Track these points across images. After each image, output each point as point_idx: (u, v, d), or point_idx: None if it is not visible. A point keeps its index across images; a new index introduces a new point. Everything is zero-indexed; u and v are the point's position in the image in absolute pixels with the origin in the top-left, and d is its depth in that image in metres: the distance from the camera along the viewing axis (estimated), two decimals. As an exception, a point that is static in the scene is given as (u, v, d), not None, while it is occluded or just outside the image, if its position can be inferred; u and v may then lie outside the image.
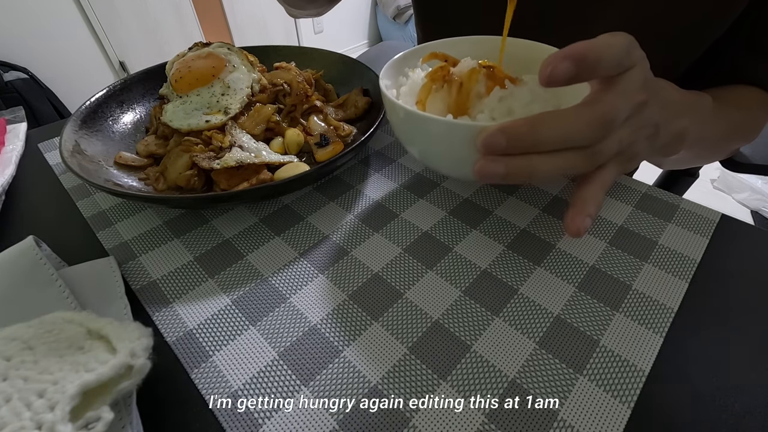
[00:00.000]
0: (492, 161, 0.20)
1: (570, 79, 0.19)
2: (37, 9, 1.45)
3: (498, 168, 0.20)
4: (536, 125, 0.19)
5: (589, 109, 0.20)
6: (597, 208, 0.22)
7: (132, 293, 0.26)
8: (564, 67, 0.18)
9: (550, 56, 0.19)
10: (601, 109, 0.20)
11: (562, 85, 0.19)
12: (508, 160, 0.20)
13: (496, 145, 0.20)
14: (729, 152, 0.43)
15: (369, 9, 2.58)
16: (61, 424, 0.14)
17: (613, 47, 0.20)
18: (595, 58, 0.19)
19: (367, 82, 0.41)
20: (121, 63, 1.74)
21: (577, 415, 0.19)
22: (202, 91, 0.37)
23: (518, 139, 0.19)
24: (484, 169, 0.21)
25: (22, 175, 0.38)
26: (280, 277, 0.27)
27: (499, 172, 0.20)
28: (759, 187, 1.39)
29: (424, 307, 0.24)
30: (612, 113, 0.20)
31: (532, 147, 0.20)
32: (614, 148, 0.22)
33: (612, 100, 0.20)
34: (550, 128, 0.20)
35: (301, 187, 0.33)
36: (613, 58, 0.20)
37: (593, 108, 0.20)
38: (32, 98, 1.39)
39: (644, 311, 0.24)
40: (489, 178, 0.21)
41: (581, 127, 0.20)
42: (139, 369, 0.17)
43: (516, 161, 0.20)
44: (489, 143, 0.20)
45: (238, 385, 0.21)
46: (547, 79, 0.19)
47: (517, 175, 0.20)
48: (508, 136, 0.19)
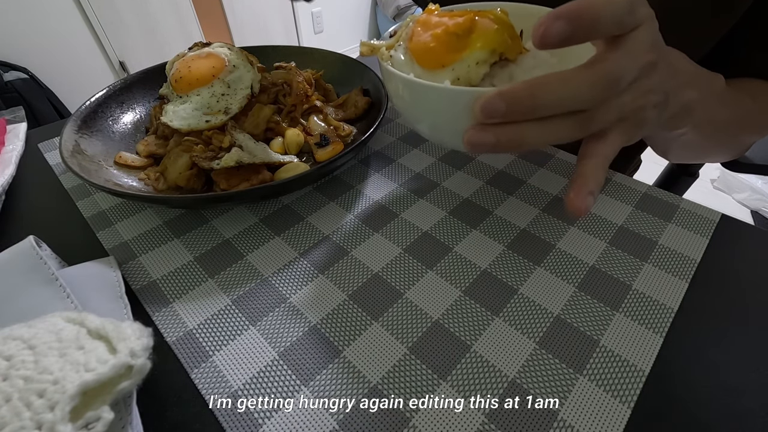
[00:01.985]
0: (482, 130, 0.20)
1: (565, 40, 0.17)
2: (37, 9, 1.45)
3: (488, 137, 0.20)
4: (537, 89, 0.18)
5: (592, 70, 0.19)
6: (599, 184, 0.21)
7: (132, 293, 0.26)
8: (557, 27, 0.17)
9: (542, 17, 0.18)
10: (604, 69, 0.19)
11: (557, 46, 0.18)
12: (497, 129, 0.20)
13: (495, 110, 0.19)
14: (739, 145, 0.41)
15: (369, 9, 2.58)
16: (61, 424, 0.14)
17: (613, 4, 0.18)
18: (592, 17, 0.17)
19: (367, 82, 0.41)
20: (121, 63, 1.74)
21: (577, 415, 0.19)
22: (202, 91, 0.37)
23: (518, 103, 0.18)
24: (473, 139, 0.20)
25: (22, 175, 0.38)
26: (280, 277, 0.27)
27: (489, 141, 0.20)
28: (759, 187, 1.38)
29: (424, 307, 0.24)
30: (616, 73, 0.19)
31: (532, 112, 0.19)
32: (612, 115, 0.20)
33: (616, 58, 0.19)
34: (551, 91, 0.18)
35: (301, 187, 0.33)
36: (613, 16, 0.18)
37: (595, 68, 0.19)
38: (32, 98, 1.39)
39: (644, 311, 0.24)
40: (479, 148, 0.20)
41: (583, 88, 0.19)
42: (139, 369, 0.17)
43: (506, 130, 0.19)
44: (488, 108, 0.19)
45: (238, 385, 0.21)
46: (540, 40, 0.18)
47: (507, 145, 0.20)
48: (507, 101, 0.18)
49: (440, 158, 0.37)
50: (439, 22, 0.25)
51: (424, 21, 0.25)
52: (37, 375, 0.15)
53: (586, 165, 0.21)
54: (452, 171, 0.36)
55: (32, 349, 0.16)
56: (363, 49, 0.27)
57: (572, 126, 0.20)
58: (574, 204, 0.20)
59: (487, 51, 0.23)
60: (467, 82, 0.24)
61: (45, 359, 0.16)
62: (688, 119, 0.26)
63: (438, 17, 0.25)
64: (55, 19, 1.51)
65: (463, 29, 0.23)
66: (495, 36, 0.23)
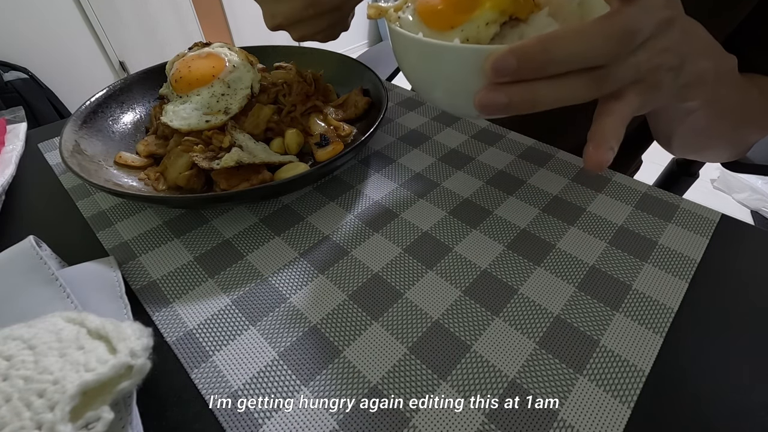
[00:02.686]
0: (493, 90, 0.19)
1: None
2: (37, 9, 1.45)
3: (500, 97, 0.19)
4: (549, 43, 0.18)
5: (608, 22, 0.18)
6: (618, 140, 0.20)
7: (132, 293, 0.26)
8: None
9: None
10: (620, 22, 0.18)
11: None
12: (509, 89, 0.19)
13: (507, 67, 0.18)
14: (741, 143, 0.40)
15: (369, 9, 2.58)
16: (61, 424, 0.14)
17: None
18: None
19: (367, 82, 0.41)
20: (121, 63, 1.74)
21: (577, 415, 0.19)
22: (202, 91, 0.37)
23: (530, 59, 0.18)
24: (485, 100, 0.19)
25: (22, 175, 0.38)
26: (280, 277, 0.27)
27: (501, 101, 0.19)
28: (759, 187, 1.38)
29: (424, 307, 0.24)
30: (632, 25, 0.18)
31: (544, 68, 0.18)
32: (629, 74, 0.20)
33: (633, 12, 0.18)
34: (564, 45, 0.18)
35: (301, 187, 0.33)
36: None
37: (611, 20, 0.18)
38: (32, 98, 1.39)
39: (644, 311, 0.24)
40: (491, 109, 0.20)
41: (598, 42, 0.18)
42: (139, 369, 0.17)
43: (519, 89, 0.19)
44: (498, 66, 0.18)
45: (238, 385, 0.21)
46: None
47: (520, 105, 0.19)
48: (518, 57, 0.18)
49: (440, 158, 0.37)
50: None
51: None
52: (37, 375, 0.15)
53: (605, 121, 0.20)
54: (452, 171, 0.36)
55: (32, 349, 0.16)
56: (370, 12, 0.26)
57: (587, 84, 0.19)
58: (594, 158, 0.19)
59: (497, 11, 0.22)
60: (477, 42, 0.23)
61: (45, 359, 0.16)
62: (701, 90, 0.25)
63: None
64: (55, 19, 1.51)
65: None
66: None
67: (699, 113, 0.29)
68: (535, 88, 0.19)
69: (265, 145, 0.35)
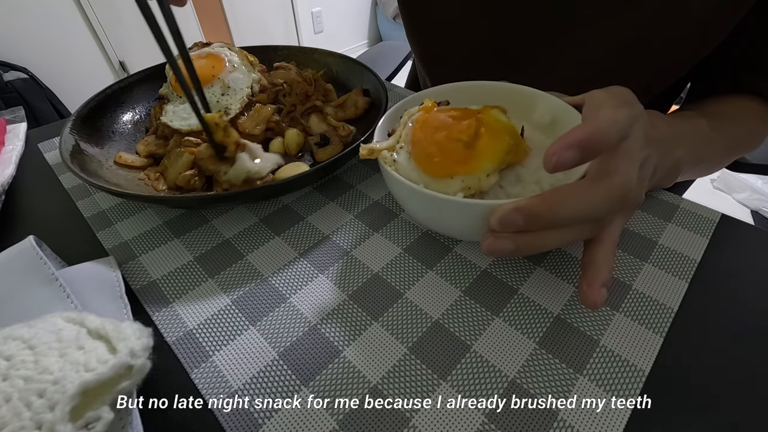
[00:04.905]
0: (501, 238, 0.20)
1: (575, 164, 0.18)
2: (37, 9, 1.45)
3: (508, 245, 0.20)
4: (554, 205, 0.19)
5: (607, 184, 0.20)
6: (611, 272, 0.21)
7: (132, 293, 0.26)
8: (569, 155, 0.18)
9: (553, 144, 0.18)
10: (618, 183, 0.20)
11: (567, 169, 0.19)
12: (517, 237, 0.20)
13: (513, 224, 0.19)
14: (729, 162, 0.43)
15: (369, 9, 2.58)
16: (61, 424, 0.14)
17: (618, 124, 0.19)
18: (600, 141, 0.19)
19: (367, 82, 0.41)
20: (121, 63, 1.74)
21: (577, 415, 0.19)
22: (202, 91, 0.37)
23: (536, 218, 0.19)
24: (493, 246, 0.20)
25: (22, 175, 0.38)
26: (280, 277, 0.27)
27: (509, 248, 0.20)
28: (759, 187, 1.38)
29: (424, 307, 0.24)
30: (629, 184, 0.20)
31: (550, 225, 0.20)
32: (620, 211, 0.22)
33: (625, 169, 0.20)
34: (569, 208, 0.19)
35: (301, 187, 0.33)
36: (619, 135, 0.19)
37: (611, 182, 0.20)
38: (32, 98, 1.38)
39: (644, 311, 0.24)
40: (498, 254, 0.21)
41: (601, 202, 0.19)
42: (139, 369, 0.17)
43: (526, 238, 0.20)
44: (505, 222, 0.19)
45: (238, 385, 0.21)
46: (554, 167, 0.18)
47: (526, 249, 0.20)
48: (525, 216, 0.19)
49: (440, 158, 0.37)
50: (440, 123, 0.24)
51: (423, 122, 0.25)
52: (37, 375, 0.15)
53: (597, 252, 0.21)
54: (452, 171, 0.36)
55: (32, 349, 0.16)
56: (363, 152, 0.26)
57: (588, 229, 0.21)
58: (589, 298, 0.20)
59: (497, 164, 0.23)
60: (478, 190, 0.23)
61: (45, 359, 0.16)
62: (675, 176, 0.28)
63: (438, 116, 0.24)
64: (55, 19, 1.51)
65: (468, 136, 0.23)
66: (502, 148, 0.23)
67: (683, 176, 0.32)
68: (540, 236, 0.20)
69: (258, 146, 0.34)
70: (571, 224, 0.20)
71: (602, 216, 0.20)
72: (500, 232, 0.20)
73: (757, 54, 0.35)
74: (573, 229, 0.20)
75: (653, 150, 0.23)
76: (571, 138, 0.18)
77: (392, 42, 0.99)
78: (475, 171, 0.23)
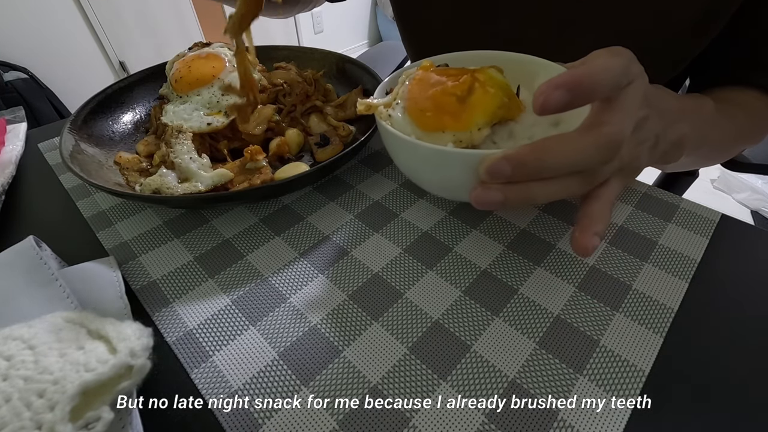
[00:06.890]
0: (489, 189, 0.20)
1: (564, 107, 0.18)
2: (37, 9, 1.45)
3: (496, 196, 0.20)
4: (542, 153, 0.19)
5: (596, 133, 0.19)
6: (605, 225, 0.21)
7: (132, 293, 0.26)
8: (557, 96, 0.18)
9: (542, 84, 0.18)
10: (608, 132, 0.19)
11: (556, 112, 0.19)
12: (506, 188, 0.20)
13: (501, 173, 0.19)
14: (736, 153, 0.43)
15: (369, 9, 2.58)
16: (61, 424, 0.14)
17: (610, 71, 0.19)
18: (591, 84, 0.18)
19: (367, 82, 0.41)
20: (121, 63, 1.74)
21: (577, 415, 0.19)
22: (202, 91, 0.37)
23: (524, 167, 0.19)
24: (481, 197, 0.20)
25: (22, 175, 0.38)
26: (280, 277, 0.27)
27: (497, 199, 0.20)
28: (759, 187, 1.38)
29: (424, 307, 0.24)
30: (618, 135, 0.19)
31: (537, 174, 0.20)
32: (615, 167, 0.21)
33: (617, 120, 0.20)
34: (557, 156, 0.19)
35: (301, 187, 0.33)
36: (610, 82, 0.19)
37: (599, 132, 0.19)
38: (32, 98, 1.38)
39: (644, 311, 0.24)
40: (487, 206, 0.21)
41: (590, 152, 0.19)
42: (139, 369, 0.17)
43: (514, 189, 0.20)
44: (493, 171, 0.19)
45: (238, 385, 0.21)
46: (541, 108, 0.18)
47: (515, 201, 0.20)
48: (513, 165, 0.19)
49: (440, 158, 0.37)
50: (436, 81, 0.24)
51: (419, 79, 0.25)
52: (37, 375, 0.15)
53: (592, 206, 0.21)
54: (452, 171, 0.36)
55: (32, 349, 0.16)
56: (360, 108, 0.27)
57: (578, 183, 0.21)
58: (580, 243, 0.20)
59: (488, 118, 0.23)
60: (469, 143, 0.24)
61: (45, 359, 0.16)
62: (681, 151, 0.27)
63: (434, 75, 0.25)
64: (55, 19, 1.51)
65: (462, 90, 0.23)
66: (494, 102, 0.23)
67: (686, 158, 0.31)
68: (529, 188, 0.20)
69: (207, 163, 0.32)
70: (559, 175, 0.20)
71: (591, 167, 0.20)
72: (489, 183, 0.20)
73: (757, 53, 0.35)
74: (562, 181, 0.20)
75: (654, 115, 0.23)
76: (560, 79, 0.18)
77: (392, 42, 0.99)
78: (467, 125, 0.23)
